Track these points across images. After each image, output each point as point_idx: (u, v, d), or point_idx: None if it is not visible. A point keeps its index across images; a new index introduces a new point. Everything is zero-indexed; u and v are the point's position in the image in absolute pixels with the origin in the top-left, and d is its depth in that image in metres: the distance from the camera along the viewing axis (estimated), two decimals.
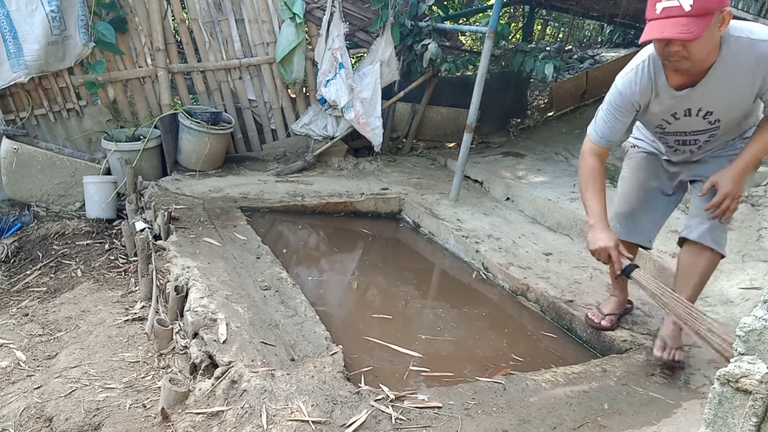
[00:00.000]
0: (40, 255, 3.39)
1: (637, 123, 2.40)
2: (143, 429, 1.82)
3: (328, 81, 4.81)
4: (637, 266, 2.12)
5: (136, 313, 2.58)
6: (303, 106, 5.15)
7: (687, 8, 1.71)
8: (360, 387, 1.96)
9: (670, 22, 1.74)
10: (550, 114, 6.81)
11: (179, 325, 2.38)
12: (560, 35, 10.77)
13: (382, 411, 1.82)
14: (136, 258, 3.12)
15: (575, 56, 9.41)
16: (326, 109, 4.99)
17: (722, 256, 2.19)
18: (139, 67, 4.57)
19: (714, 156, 2.20)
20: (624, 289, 2.58)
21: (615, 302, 2.60)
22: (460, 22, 5.51)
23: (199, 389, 1.93)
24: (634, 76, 2.06)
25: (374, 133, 4.94)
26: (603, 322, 2.54)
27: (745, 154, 2.04)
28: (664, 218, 2.43)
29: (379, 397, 1.90)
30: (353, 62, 5.11)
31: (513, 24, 9.61)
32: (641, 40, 1.84)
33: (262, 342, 2.15)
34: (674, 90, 1.98)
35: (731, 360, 1.08)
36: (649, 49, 2.02)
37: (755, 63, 1.83)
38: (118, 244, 3.50)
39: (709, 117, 2.00)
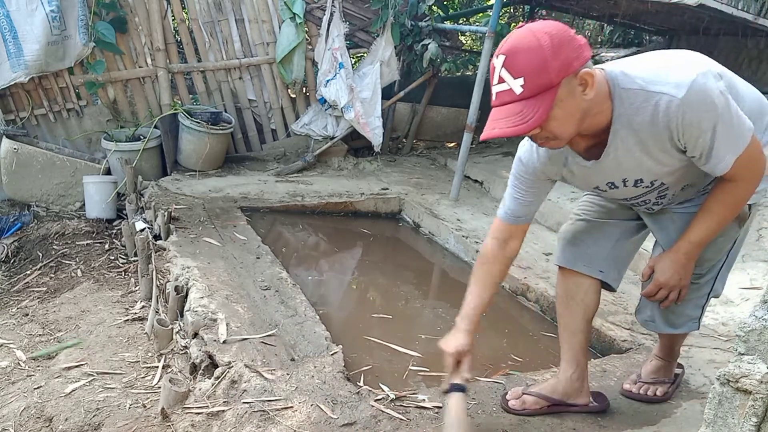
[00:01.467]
0: (40, 255, 3.39)
1: None
2: (143, 429, 1.82)
3: (328, 81, 4.81)
4: (464, 390, 1.67)
5: (136, 313, 2.58)
6: (303, 106, 5.15)
7: (518, 91, 1.34)
8: (360, 387, 1.96)
9: (502, 111, 1.39)
10: None
11: (179, 325, 2.38)
12: None
13: (382, 411, 1.82)
14: (136, 258, 3.12)
15: None
16: (326, 109, 4.99)
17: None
18: (139, 67, 4.57)
19: (684, 210, 1.72)
20: (573, 359, 1.89)
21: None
22: (460, 22, 5.50)
23: (199, 389, 1.93)
24: (530, 145, 1.67)
25: (374, 133, 4.94)
26: (512, 402, 1.92)
27: (691, 233, 1.60)
28: (623, 248, 1.90)
29: (379, 397, 1.90)
30: (353, 62, 5.11)
31: (513, 24, 9.60)
32: (481, 137, 1.49)
33: (262, 342, 2.15)
34: (583, 158, 1.58)
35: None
36: None
37: (654, 119, 1.43)
38: (118, 244, 3.50)
39: (642, 183, 1.59)
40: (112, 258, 3.30)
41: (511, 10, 9.49)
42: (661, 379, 2.02)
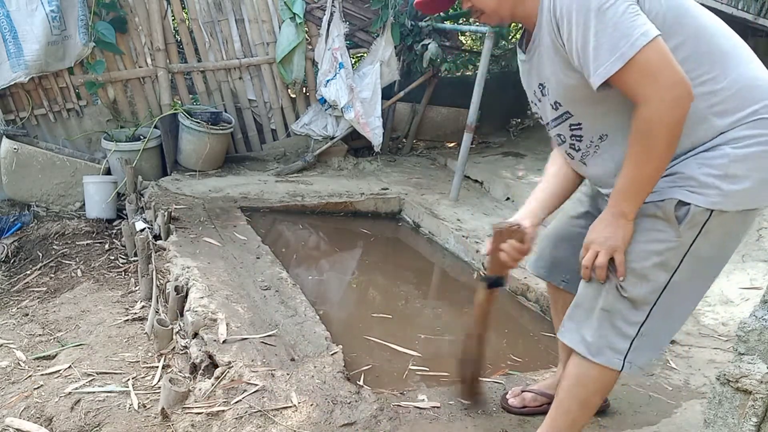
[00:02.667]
0: (40, 255, 3.39)
1: None
2: (143, 429, 1.82)
3: (328, 81, 4.81)
4: (502, 284, 1.61)
5: (136, 313, 2.58)
6: (303, 106, 5.15)
7: None
8: (360, 387, 1.96)
9: None
10: None
11: (179, 325, 2.38)
12: None
13: (382, 411, 1.82)
14: (136, 258, 3.12)
15: None
16: (326, 109, 4.99)
17: (615, 370, 1.42)
18: (139, 67, 4.57)
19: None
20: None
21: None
22: (460, 22, 5.50)
23: (199, 389, 1.93)
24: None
25: (374, 133, 4.94)
26: (512, 401, 1.91)
27: (617, 182, 1.34)
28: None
29: (379, 397, 1.90)
30: (353, 62, 5.11)
31: (513, 24, 9.61)
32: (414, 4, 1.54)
33: (262, 342, 2.15)
34: (521, 53, 1.50)
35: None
36: None
37: (548, 11, 1.31)
38: (118, 244, 3.50)
39: (549, 97, 1.44)
40: (112, 258, 3.30)
41: None
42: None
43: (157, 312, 2.47)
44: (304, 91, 5.13)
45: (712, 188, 1.27)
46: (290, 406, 1.81)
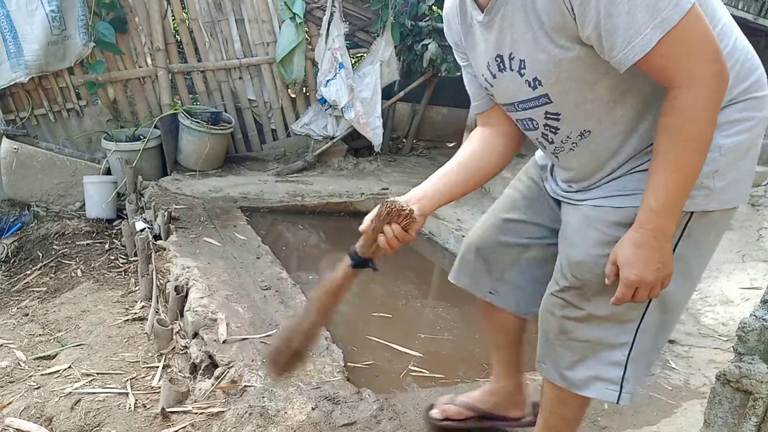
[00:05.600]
0: (40, 255, 3.39)
1: None
2: (143, 429, 1.82)
3: (328, 81, 4.81)
4: (373, 266, 1.40)
5: (136, 313, 2.58)
6: (303, 106, 5.15)
7: None
8: (360, 387, 1.96)
9: None
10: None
11: (179, 325, 2.38)
12: None
13: (382, 411, 1.82)
14: (136, 258, 3.12)
15: None
16: (326, 109, 4.99)
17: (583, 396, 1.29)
18: (139, 67, 4.57)
19: (590, 200, 1.24)
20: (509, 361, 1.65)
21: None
22: None
23: (199, 389, 1.93)
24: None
25: (374, 133, 4.94)
26: (433, 411, 1.74)
27: (649, 196, 1.07)
28: (539, 273, 1.44)
29: (379, 397, 1.90)
30: (353, 62, 5.11)
31: None
32: None
33: (262, 342, 2.15)
34: (479, 12, 1.18)
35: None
36: None
37: None
38: (118, 244, 3.50)
39: (525, 73, 1.14)
40: (112, 258, 3.30)
41: None
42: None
43: (157, 312, 2.47)
44: (304, 91, 5.13)
45: (700, 188, 1.10)
46: (290, 406, 1.81)
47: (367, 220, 1.38)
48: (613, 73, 1.06)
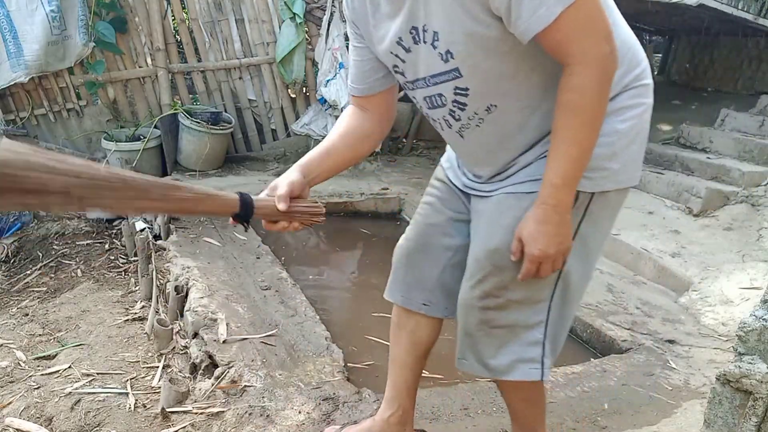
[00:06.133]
0: (40, 255, 3.39)
1: None
2: (143, 429, 1.82)
3: (328, 81, 4.81)
4: (247, 222, 1.17)
5: (136, 313, 2.58)
6: (303, 106, 5.15)
7: None
8: (360, 387, 1.96)
9: None
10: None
11: (179, 325, 2.38)
12: None
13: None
14: (136, 258, 3.12)
15: None
16: (326, 109, 4.99)
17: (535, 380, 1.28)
18: (139, 67, 4.57)
19: (503, 188, 1.25)
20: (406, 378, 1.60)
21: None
22: None
23: (199, 389, 1.93)
24: None
25: None
26: None
27: (549, 172, 1.10)
28: (452, 273, 1.43)
29: (379, 397, 1.90)
30: None
31: None
32: None
33: (262, 342, 2.15)
34: None
35: None
36: None
37: None
38: (118, 244, 3.50)
39: (438, 45, 1.11)
40: (112, 258, 3.30)
41: None
42: None
43: (157, 312, 2.47)
44: (304, 91, 5.13)
45: (600, 170, 1.15)
46: (290, 406, 1.81)
47: (285, 205, 1.22)
48: (520, 49, 1.07)
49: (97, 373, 2.10)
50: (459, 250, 1.40)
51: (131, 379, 2.08)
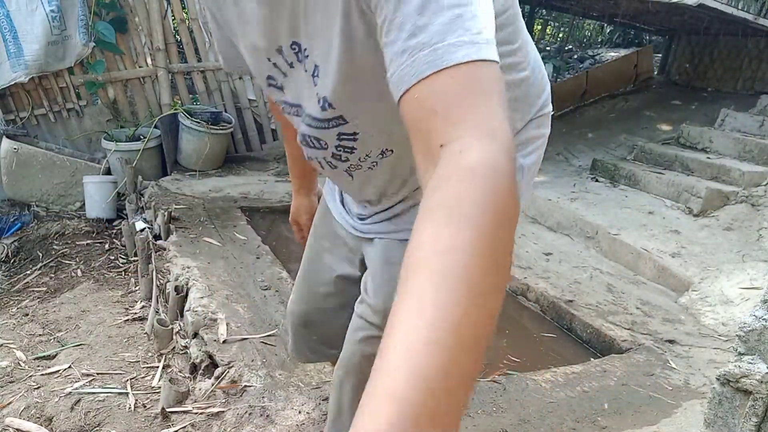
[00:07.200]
0: (40, 255, 3.39)
1: None
2: (143, 429, 1.82)
3: None
4: None
5: (136, 313, 2.58)
6: None
7: None
8: None
9: None
10: (552, 112, 6.82)
11: (179, 325, 2.38)
12: (560, 35, 10.78)
13: None
14: (136, 258, 3.12)
15: (575, 56, 9.41)
16: None
17: None
18: (139, 67, 4.57)
19: (395, 232, 1.08)
20: None
21: None
22: None
23: (199, 389, 1.93)
24: None
25: None
26: None
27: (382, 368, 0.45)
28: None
29: None
30: None
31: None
32: None
33: (262, 342, 2.15)
34: None
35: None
36: None
37: None
38: (118, 244, 3.51)
39: (317, 79, 0.83)
40: (112, 258, 3.30)
41: None
42: None
43: (157, 312, 2.47)
44: None
45: None
46: (290, 407, 1.81)
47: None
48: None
49: (97, 373, 2.10)
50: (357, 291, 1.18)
51: (131, 379, 2.08)
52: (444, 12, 0.59)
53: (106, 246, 3.46)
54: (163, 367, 2.15)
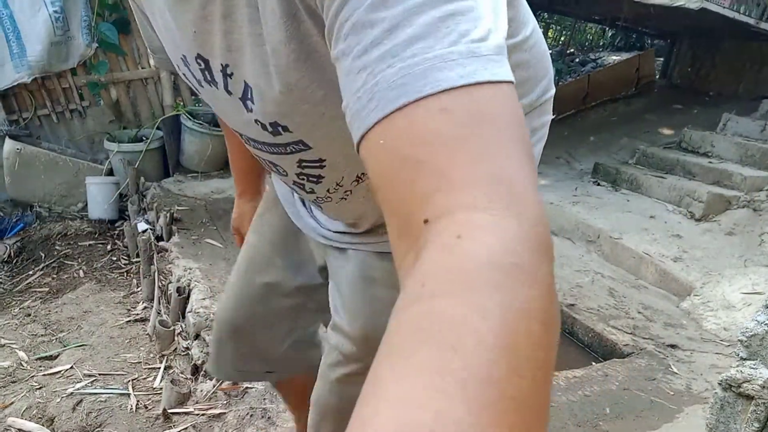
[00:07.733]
0: (43, 255, 3.39)
1: None
2: (145, 430, 1.82)
3: None
4: None
5: (138, 314, 2.58)
6: None
7: None
8: None
9: None
10: (552, 117, 6.82)
11: (181, 326, 2.38)
12: (562, 38, 10.78)
13: None
14: (138, 259, 3.13)
15: (577, 59, 9.42)
16: None
17: None
18: (142, 68, 4.58)
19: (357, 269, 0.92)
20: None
21: None
22: None
23: (201, 390, 1.93)
24: None
25: None
26: None
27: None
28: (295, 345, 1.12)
29: None
30: None
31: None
32: None
33: None
34: None
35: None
36: None
37: None
38: (120, 245, 3.51)
39: (255, 108, 0.66)
40: (114, 259, 3.31)
41: None
42: None
43: (158, 313, 2.47)
44: None
45: None
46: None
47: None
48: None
49: (99, 374, 2.11)
50: (304, 311, 1.08)
51: (133, 379, 2.08)
52: (427, 6, 0.39)
53: (108, 247, 3.46)
54: (165, 368, 2.15)
